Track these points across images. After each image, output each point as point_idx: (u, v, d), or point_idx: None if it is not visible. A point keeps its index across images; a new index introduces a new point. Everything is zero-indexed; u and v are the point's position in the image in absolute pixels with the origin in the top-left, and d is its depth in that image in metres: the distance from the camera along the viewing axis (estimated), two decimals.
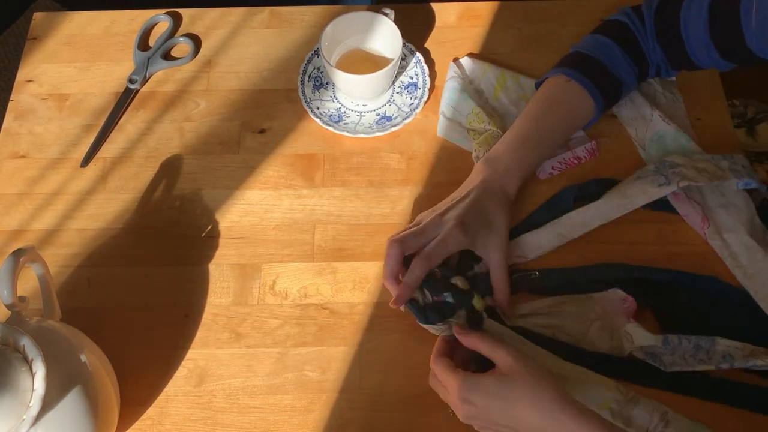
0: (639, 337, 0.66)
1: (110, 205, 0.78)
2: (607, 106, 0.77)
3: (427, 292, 0.68)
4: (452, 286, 0.68)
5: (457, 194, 0.72)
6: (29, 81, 0.86)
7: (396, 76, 0.83)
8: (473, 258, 0.70)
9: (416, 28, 0.87)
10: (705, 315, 0.68)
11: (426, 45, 0.87)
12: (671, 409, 0.63)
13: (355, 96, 0.82)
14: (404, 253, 0.67)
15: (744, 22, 0.66)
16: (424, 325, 0.67)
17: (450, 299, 0.67)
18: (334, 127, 0.80)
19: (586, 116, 0.76)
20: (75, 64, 0.87)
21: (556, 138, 0.76)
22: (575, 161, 0.77)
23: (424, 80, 0.82)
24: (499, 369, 0.59)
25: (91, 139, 0.82)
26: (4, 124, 0.83)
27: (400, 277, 0.68)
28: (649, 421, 0.62)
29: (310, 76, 0.84)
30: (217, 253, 0.75)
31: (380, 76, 0.77)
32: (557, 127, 0.75)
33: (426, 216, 0.71)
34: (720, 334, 0.65)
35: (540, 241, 0.72)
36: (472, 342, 0.62)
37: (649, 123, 0.78)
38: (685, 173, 0.72)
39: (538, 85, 0.78)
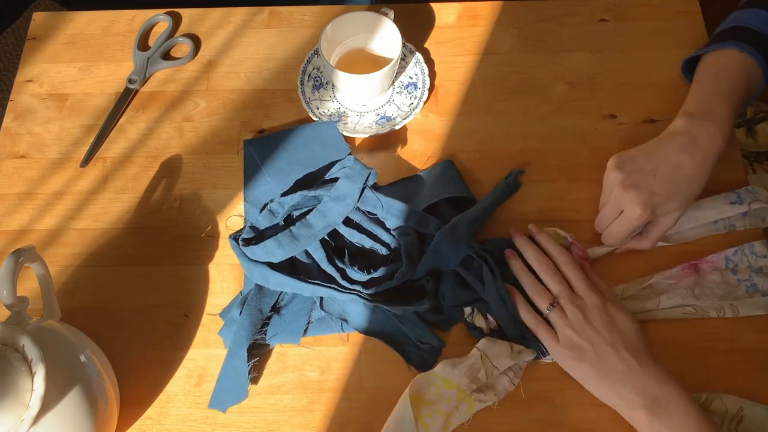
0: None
1: (110, 205, 0.78)
2: None
3: (490, 318, 0.69)
4: None
5: (659, 141, 0.70)
6: (29, 81, 0.86)
7: (396, 76, 0.83)
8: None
9: (416, 28, 0.87)
10: None
11: (426, 45, 0.87)
12: (747, 402, 0.64)
13: (354, 96, 0.82)
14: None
15: None
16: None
17: None
18: None
19: (756, 88, 0.75)
20: (74, 64, 0.87)
21: (740, 106, 0.73)
22: None
23: (424, 80, 0.82)
24: None
25: (90, 139, 0.82)
26: (4, 124, 0.83)
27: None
28: (722, 419, 0.63)
29: (309, 76, 0.84)
30: (217, 253, 0.75)
31: (380, 76, 0.77)
32: (741, 93, 0.72)
33: (623, 166, 0.69)
34: None
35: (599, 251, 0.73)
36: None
37: None
38: (758, 192, 0.73)
39: (689, 61, 0.77)
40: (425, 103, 0.82)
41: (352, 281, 0.69)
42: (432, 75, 0.85)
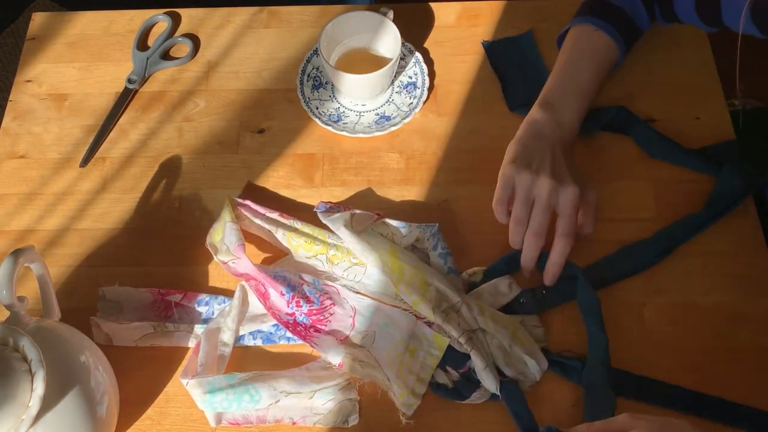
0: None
1: (110, 205, 0.78)
2: (628, 52, 0.80)
3: (450, 370, 0.67)
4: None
5: (529, 139, 0.72)
6: (28, 81, 0.86)
7: (395, 76, 0.83)
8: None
9: (415, 28, 0.87)
10: None
11: (425, 44, 0.87)
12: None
13: (354, 96, 0.82)
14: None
15: None
16: (465, 402, 0.66)
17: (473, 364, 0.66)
18: (333, 127, 0.80)
19: (613, 64, 0.79)
20: (74, 64, 0.87)
21: (598, 87, 0.78)
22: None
23: (423, 80, 0.82)
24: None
25: (90, 139, 0.82)
26: (3, 125, 0.83)
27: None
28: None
29: (309, 75, 0.84)
30: None
31: (379, 75, 0.77)
32: (597, 76, 0.77)
33: (512, 172, 0.71)
34: None
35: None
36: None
37: None
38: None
39: (561, 36, 0.80)
40: (425, 102, 0.82)
41: None
42: (431, 75, 0.85)
